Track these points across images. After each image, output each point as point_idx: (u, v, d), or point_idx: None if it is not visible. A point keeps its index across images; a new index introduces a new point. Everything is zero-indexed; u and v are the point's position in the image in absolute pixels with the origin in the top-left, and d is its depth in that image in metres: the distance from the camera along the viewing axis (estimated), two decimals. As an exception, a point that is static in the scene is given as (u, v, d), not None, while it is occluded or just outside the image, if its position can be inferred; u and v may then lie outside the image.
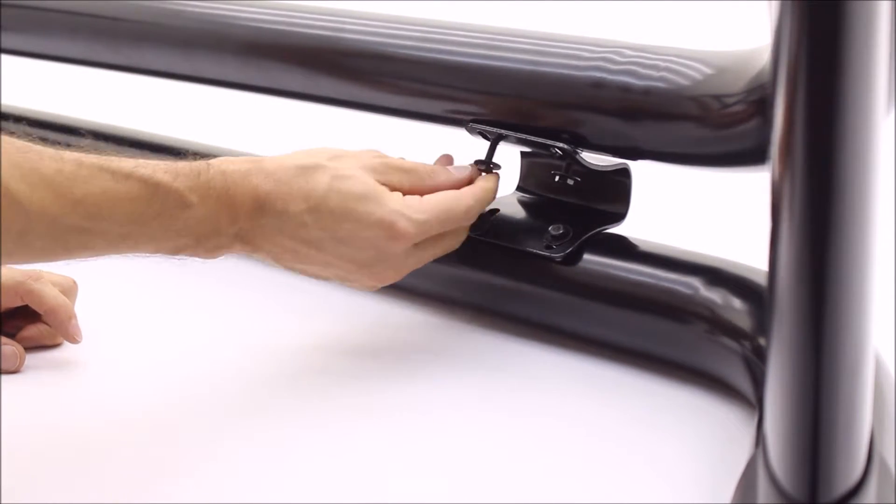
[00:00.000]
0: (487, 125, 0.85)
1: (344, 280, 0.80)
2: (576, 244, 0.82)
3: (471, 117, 0.86)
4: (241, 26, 0.97)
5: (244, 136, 1.17)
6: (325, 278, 0.80)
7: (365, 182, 0.77)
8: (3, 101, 1.21)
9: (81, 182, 0.67)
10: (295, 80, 0.95)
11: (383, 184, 0.78)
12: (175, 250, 0.74)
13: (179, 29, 1.01)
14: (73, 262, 0.72)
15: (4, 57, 1.18)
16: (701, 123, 0.76)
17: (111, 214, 0.68)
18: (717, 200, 1.05)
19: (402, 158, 0.82)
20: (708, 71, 0.76)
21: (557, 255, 0.81)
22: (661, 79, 0.77)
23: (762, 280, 0.73)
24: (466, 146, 0.87)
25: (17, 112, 1.20)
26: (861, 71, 0.50)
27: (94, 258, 0.71)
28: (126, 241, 0.71)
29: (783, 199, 0.54)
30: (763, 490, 0.58)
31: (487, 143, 0.86)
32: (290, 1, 0.99)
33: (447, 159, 0.86)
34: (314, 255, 0.77)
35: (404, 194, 0.78)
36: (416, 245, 0.79)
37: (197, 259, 0.75)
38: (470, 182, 0.83)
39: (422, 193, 0.79)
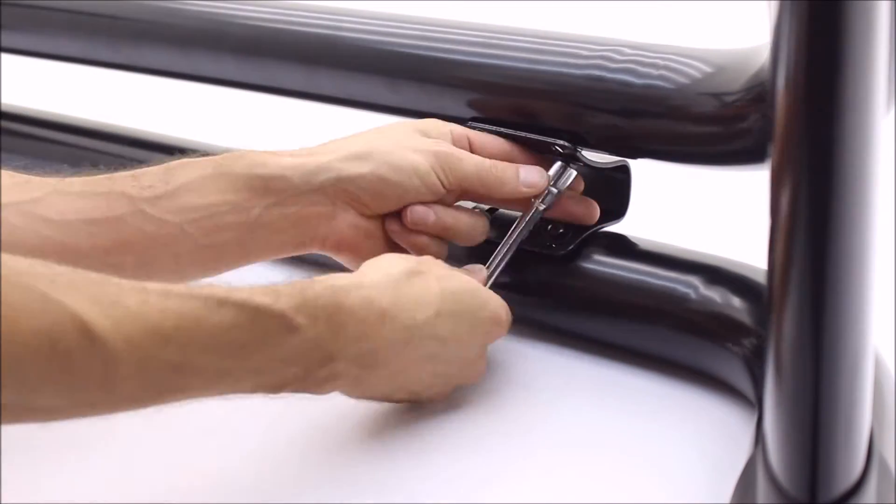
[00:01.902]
0: (487, 123, 0.85)
1: (430, 389, 0.74)
2: (575, 242, 0.82)
3: (470, 115, 0.86)
4: (240, 24, 0.97)
5: (244, 136, 1.17)
6: (412, 394, 0.73)
7: (463, 277, 0.75)
8: (2, 101, 1.21)
9: (172, 314, 0.59)
10: (293, 78, 0.95)
11: None
12: (279, 385, 0.65)
13: (178, 27, 1.01)
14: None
15: (4, 56, 1.18)
16: (700, 121, 0.76)
17: (207, 348, 0.60)
18: (717, 199, 1.05)
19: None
20: (707, 69, 0.76)
21: (558, 252, 0.81)
22: (660, 77, 0.77)
23: (762, 279, 0.73)
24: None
25: (17, 111, 1.20)
26: (860, 69, 0.50)
27: (187, 401, 0.62)
28: (225, 380, 0.62)
29: (782, 198, 0.54)
30: (762, 489, 0.58)
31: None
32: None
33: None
34: (426, 365, 0.71)
35: None
36: None
37: (304, 395, 0.67)
38: None
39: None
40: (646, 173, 0.82)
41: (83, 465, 0.71)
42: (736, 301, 0.76)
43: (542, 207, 0.81)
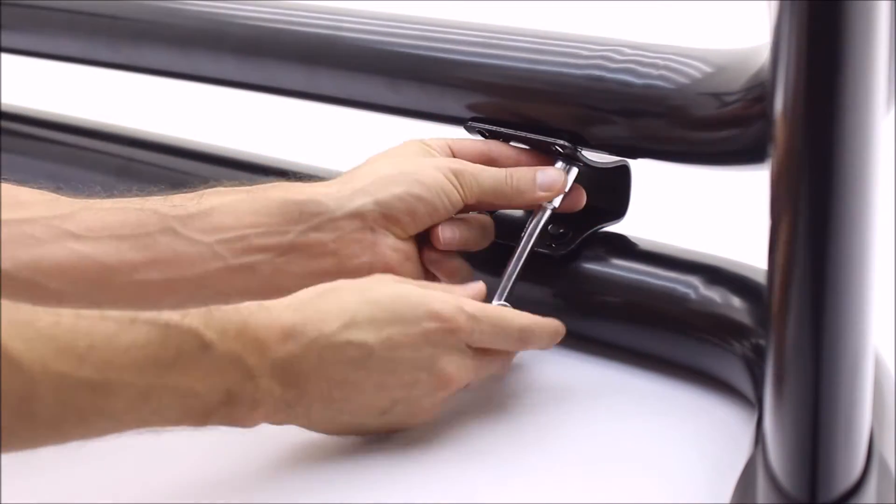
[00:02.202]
0: (486, 124, 0.85)
1: (402, 402, 0.70)
2: (575, 242, 0.82)
3: (470, 116, 0.86)
4: (240, 24, 0.97)
5: (243, 135, 1.17)
6: (382, 412, 0.70)
7: (396, 281, 0.72)
8: (2, 101, 1.21)
9: (84, 333, 0.58)
10: (293, 78, 0.95)
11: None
12: (205, 413, 0.63)
13: (178, 27, 1.01)
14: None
15: (4, 56, 1.18)
16: (700, 122, 0.76)
17: (124, 365, 0.59)
18: (718, 199, 1.05)
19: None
20: (707, 69, 0.76)
21: (558, 253, 0.81)
22: (660, 77, 0.77)
23: (762, 279, 0.73)
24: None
25: (17, 111, 1.20)
26: (860, 69, 0.50)
27: (116, 433, 0.61)
28: (148, 402, 0.61)
29: (782, 198, 0.54)
30: (762, 489, 0.58)
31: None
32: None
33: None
34: (364, 378, 0.68)
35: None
36: (471, 350, 0.72)
37: (234, 428, 0.66)
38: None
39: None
40: (646, 173, 0.82)
41: (83, 464, 0.70)
42: (736, 301, 0.76)
43: (550, 208, 0.81)
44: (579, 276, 0.81)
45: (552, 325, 0.76)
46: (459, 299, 0.72)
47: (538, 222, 0.81)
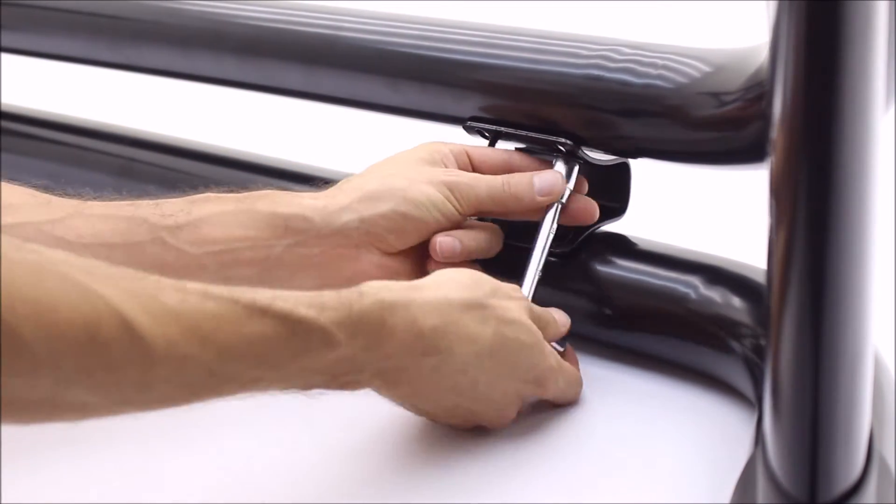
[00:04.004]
0: (485, 123, 0.85)
1: (452, 418, 0.73)
2: (576, 242, 0.82)
3: (470, 115, 0.86)
4: (240, 24, 0.97)
5: (244, 135, 1.17)
6: (433, 416, 0.73)
7: (530, 330, 0.72)
8: (2, 101, 1.21)
9: (210, 317, 0.57)
10: (293, 77, 0.95)
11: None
12: (306, 388, 0.64)
13: (178, 27, 1.01)
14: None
15: (4, 56, 1.18)
16: (699, 121, 0.76)
17: (244, 356, 0.59)
18: (718, 199, 1.05)
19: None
20: (706, 68, 0.76)
21: (558, 252, 0.81)
22: (658, 76, 0.77)
23: (762, 279, 0.73)
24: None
25: (17, 111, 1.20)
26: (859, 68, 0.50)
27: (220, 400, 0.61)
28: (257, 385, 0.61)
29: (782, 197, 0.54)
30: (762, 489, 0.58)
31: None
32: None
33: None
34: (451, 397, 0.70)
35: None
36: None
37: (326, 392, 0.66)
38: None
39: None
40: (646, 173, 0.82)
41: (83, 465, 0.71)
42: (736, 301, 0.76)
43: (559, 203, 0.80)
44: (579, 275, 0.81)
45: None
46: (568, 369, 0.76)
47: (552, 220, 0.80)
